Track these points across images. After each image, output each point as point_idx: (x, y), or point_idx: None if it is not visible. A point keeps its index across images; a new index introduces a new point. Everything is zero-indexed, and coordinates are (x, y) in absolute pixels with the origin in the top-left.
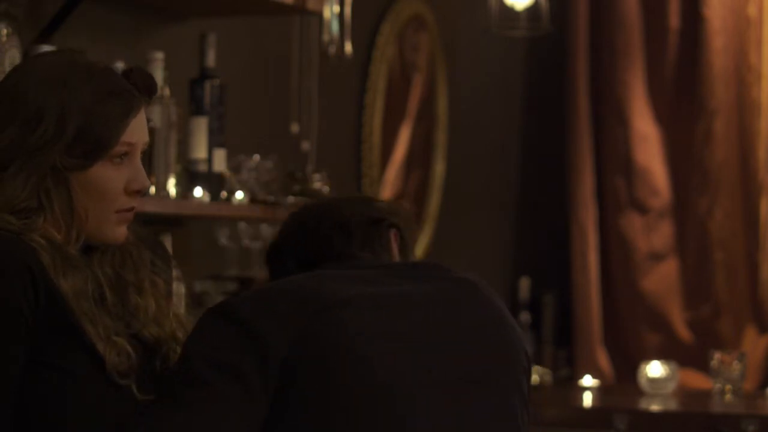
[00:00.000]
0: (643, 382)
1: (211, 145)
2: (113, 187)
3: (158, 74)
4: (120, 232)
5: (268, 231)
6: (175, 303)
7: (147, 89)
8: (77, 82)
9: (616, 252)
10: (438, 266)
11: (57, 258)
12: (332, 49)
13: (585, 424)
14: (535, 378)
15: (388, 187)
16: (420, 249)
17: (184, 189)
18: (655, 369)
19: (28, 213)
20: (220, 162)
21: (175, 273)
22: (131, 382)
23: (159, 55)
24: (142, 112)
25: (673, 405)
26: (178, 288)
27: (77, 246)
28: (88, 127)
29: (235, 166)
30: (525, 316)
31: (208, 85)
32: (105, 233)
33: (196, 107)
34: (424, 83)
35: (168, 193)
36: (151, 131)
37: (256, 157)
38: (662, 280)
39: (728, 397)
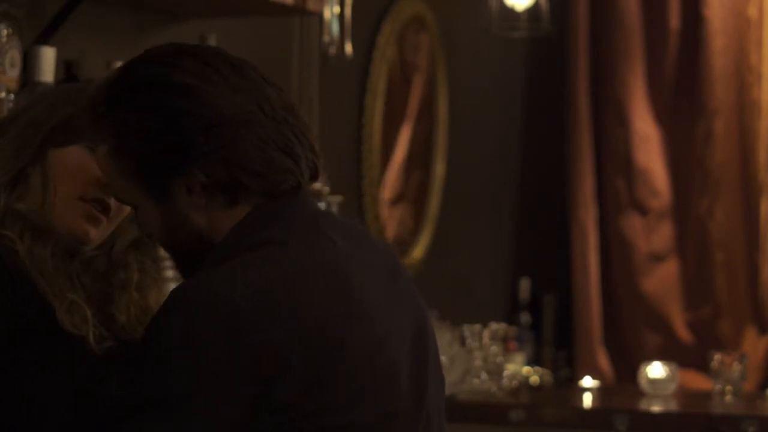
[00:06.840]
0: (643, 382)
1: None
2: (86, 173)
3: None
4: (85, 230)
5: None
6: None
7: None
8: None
9: (616, 253)
10: None
11: (26, 235)
12: (332, 50)
13: (585, 424)
14: (535, 378)
15: (388, 188)
16: (420, 249)
17: None
18: (655, 370)
19: (6, 185)
20: None
21: (172, 273)
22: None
23: None
24: None
25: (673, 406)
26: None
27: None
28: (72, 116)
29: None
30: (525, 317)
31: None
32: (70, 224)
33: None
34: (424, 84)
35: None
36: None
37: None
38: (662, 281)
39: (728, 398)
